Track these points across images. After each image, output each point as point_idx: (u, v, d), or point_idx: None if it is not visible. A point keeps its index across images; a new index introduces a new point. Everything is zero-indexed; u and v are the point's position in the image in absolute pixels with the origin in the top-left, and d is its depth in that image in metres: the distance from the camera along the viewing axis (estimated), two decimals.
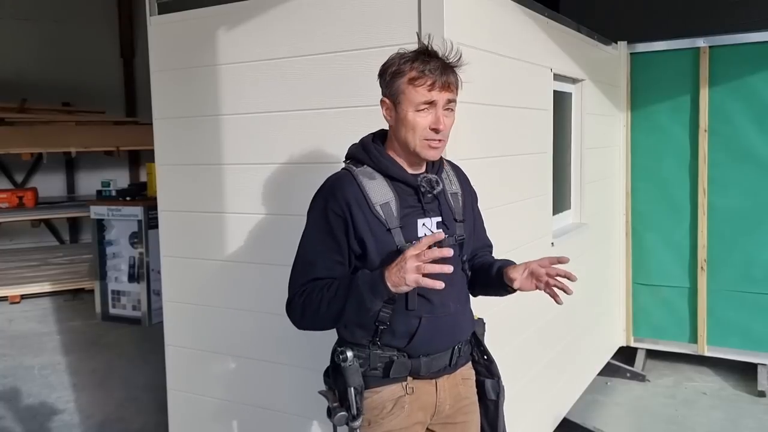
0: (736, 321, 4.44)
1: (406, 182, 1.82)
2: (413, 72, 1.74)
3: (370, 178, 1.80)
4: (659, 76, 4.56)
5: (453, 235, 1.87)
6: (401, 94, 1.76)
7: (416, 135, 1.77)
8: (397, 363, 1.81)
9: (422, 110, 1.75)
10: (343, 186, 1.80)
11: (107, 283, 6.32)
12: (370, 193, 1.78)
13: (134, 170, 9.92)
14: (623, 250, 4.71)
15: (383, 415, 1.83)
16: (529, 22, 3.04)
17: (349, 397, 1.79)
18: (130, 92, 10.02)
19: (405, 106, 1.76)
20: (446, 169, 1.96)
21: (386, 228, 1.77)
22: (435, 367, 1.86)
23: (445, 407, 1.91)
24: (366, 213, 1.77)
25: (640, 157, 4.65)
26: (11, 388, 4.57)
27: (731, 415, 3.95)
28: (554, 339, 3.44)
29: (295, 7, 2.57)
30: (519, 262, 2.18)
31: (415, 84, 1.74)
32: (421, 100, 1.74)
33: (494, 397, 2.01)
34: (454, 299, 1.88)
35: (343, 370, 1.80)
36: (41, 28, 9.21)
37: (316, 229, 1.81)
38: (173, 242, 3.04)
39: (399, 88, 1.76)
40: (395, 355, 1.81)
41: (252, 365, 2.83)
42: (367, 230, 1.77)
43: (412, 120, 1.76)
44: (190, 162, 2.94)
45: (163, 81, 2.99)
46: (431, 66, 1.74)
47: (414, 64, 1.75)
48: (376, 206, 1.77)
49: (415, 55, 1.77)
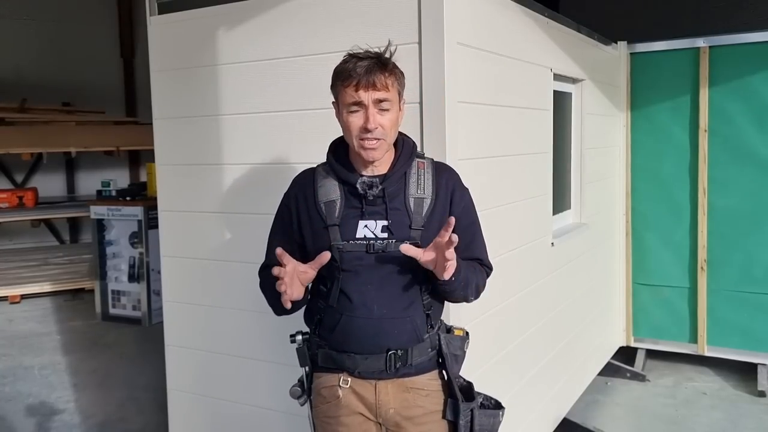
0: (736, 321, 4.44)
1: (350, 184, 1.84)
2: (343, 74, 1.77)
3: (324, 177, 1.90)
4: (659, 76, 4.56)
5: (400, 241, 1.79)
6: (338, 95, 1.81)
7: (352, 136, 1.80)
8: (323, 353, 1.91)
9: (354, 111, 1.77)
10: (300, 181, 1.95)
11: (107, 283, 6.32)
12: (319, 191, 1.88)
13: (134, 170, 9.91)
14: (623, 250, 4.71)
15: (319, 400, 1.94)
16: (529, 22, 3.04)
17: (302, 376, 1.97)
18: (130, 92, 10.02)
19: (340, 108, 1.81)
20: (420, 172, 1.89)
21: (324, 225, 1.84)
22: (368, 368, 1.85)
23: (388, 410, 1.87)
24: (310, 208, 1.88)
25: (640, 157, 4.65)
26: (11, 388, 4.57)
27: (731, 415, 3.95)
28: (554, 339, 3.44)
29: (295, 8, 2.57)
30: (518, 262, 2.18)
31: (344, 85, 1.77)
32: (350, 100, 1.77)
33: (452, 418, 1.92)
34: (380, 304, 1.83)
35: (297, 351, 1.94)
36: (41, 28, 9.21)
37: (275, 218, 2.01)
38: (173, 242, 3.04)
39: (336, 90, 1.81)
40: (324, 345, 1.91)
41: (252, 365, 2.83)
42: (307, 224, 1.89)
43: (346, 121, 1.80)
44: (190, 162, 2.94)
45: (163, 81, 2.99)
46: (358, 66, 1.75)
47: (346, 65, 1.77)
48: (320, 203, 1.86)
49: (348, 57, 1.79)
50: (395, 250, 1.79)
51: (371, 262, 1.82)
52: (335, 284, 1.84)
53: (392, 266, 1.83)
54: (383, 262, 1.82)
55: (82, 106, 9.01)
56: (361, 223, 1.82)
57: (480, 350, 2.60)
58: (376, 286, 1.82)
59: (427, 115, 2.27)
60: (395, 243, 1.80)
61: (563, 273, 3.53)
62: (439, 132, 2.26)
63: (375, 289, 1.82)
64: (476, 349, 2.56)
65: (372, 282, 1.83)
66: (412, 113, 2.30)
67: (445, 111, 2.25)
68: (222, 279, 2.89)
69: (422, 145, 2.29)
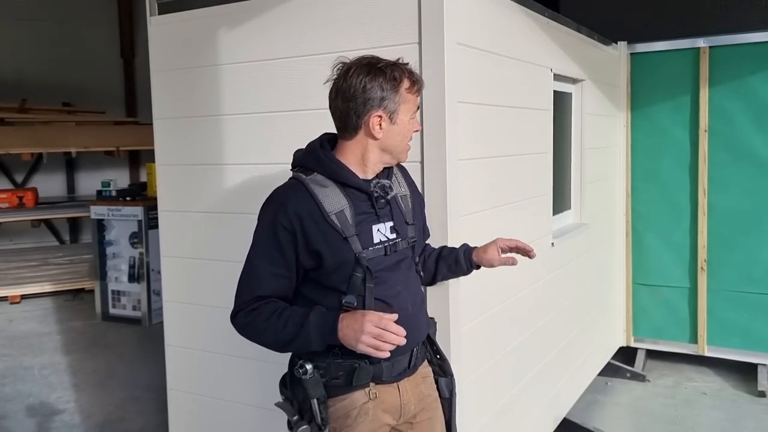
0: (736, 321, 4.44)
1: (359, 188, 1.80)
2: (406, 81, 1.77)
3: (322, 186, 1.77)
4: (659, 76, 4.56)
5: (405, 239, 1.87)
6: (402, 103, 1.77)
7: (405, 141, 1.83)
8: (359, 370, 1.79)
9: (413, 118, 1.82)
10: (295, 197, 1.76)
11: (107, 283, 6.32)
12: (324, 202, 1.75)
13: (134, 170, 9.92)
14: (623, 250, 4.71)
15: (348, 423, 1.81)
16: (529, 22, 3.04)
17: (313, 408, 1.77)
18: (130, 92, 10.02)
19: (403, 115, 1.78)
20: (395, 170, 1.95)
21: (342, 236, 1.75)
22: (396, 370, 1.85)
23: (410, 408, 1.90)
24: (320, 223, 1.74)
25: (640, 157, 4.65)
26: (11, 388, 4.57)
27: (731, 415, 3.95)
28: (554, 339, 3.44)
29: (295, 8, 2.57)
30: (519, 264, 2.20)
31: (411, 91, 1.78)
32: (415, 107, 1.81)
33: (448, 395, 2.02)
34: (411, 302, 1.88)
35: (304, 382, 1.77)
36: (41, 28, 9.21)
37: (264, 242, 1.78)
38: (173, 242, 3.04)
39: (400, 97, 1.76)
40: (356, 362, 1.78)
41: (252, 365, 2.83)
42: (321, 241, 1.74)
43: (407, 127, 1.80)
44: (190, 162, 2.94)
45: (163, 81, 2.99)
46: (415, 73, 1.80)
47: (402, 72, 1.77)
48: (330, 215, 1.75)
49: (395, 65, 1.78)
50: (404, 248, 1.87)
51: (390, 264, 1.84)
52: (368, 294, 1.78)
53: (405, 264, 1.89)
54: (398, 262, 1.86)
55: (82, 106, 9.01)
56: (374, 227, 1.82)
57: (480, 350, 2.60)
58: (403, 286, 1.86)
59: (427, 115, 2.27)
60: (402, 242, 1.87)
61: (563, 273, 3.53)
62: (439, 132, 2.26)
63: (404, 289, 1.86)
64: (476, 349, 2.57)
65: (400, 283, 1.86)
66: None
67: (445, 111, 2.25)
68: (222, 279, 2.88)
69: (422, 145, 2.29)
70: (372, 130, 1.76)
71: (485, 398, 2.66)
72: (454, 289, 2.33)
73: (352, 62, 1.79)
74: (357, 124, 1.77)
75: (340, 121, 1.81)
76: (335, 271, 1.77)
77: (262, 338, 1.78)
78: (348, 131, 1.80)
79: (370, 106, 1.74)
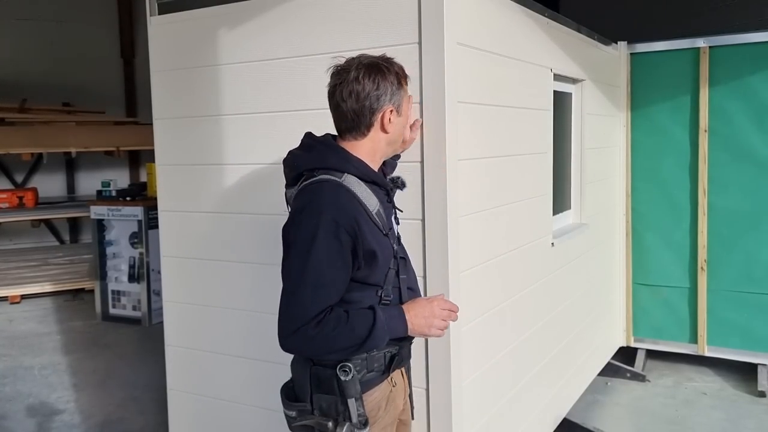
0: (736, 321, 4.44)
1: (381, 184, 1.88)
2: (404, 74, 1.88)
3: (358, 187, 1.79)
4: (659, 76, 4.56)
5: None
6: (405, 96, 1.87)
7: (405, 130, 1.94)
8: (397, 356, 1.86)
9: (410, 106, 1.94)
10: (346, 200, 1.75)
11: (107, 283, 6.32)
12: (366, 203, 1.78)
13: (134, 170, 9.92)
14: (623, 250, 4.71)
15: (380, 414, 1.86)
16: (529, 22, 3.04)
17: (350, 409, 1.76)
18: (130, 92, 10.02)
19: (406, 108, 1.89)
20: None
21: (384, 233, 1.81)
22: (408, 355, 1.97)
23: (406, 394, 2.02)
24: (369, 224, 1.76)
25: (640, 157, 4.65)
26: (11, 388, 4.57)
27: (731, 415, 3.95)
28: (554, 339, 3.44)
29: (295, 8, 2.57)
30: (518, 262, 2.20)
31: (407, 83, 1.89)
32: (409, 96, 1.91)
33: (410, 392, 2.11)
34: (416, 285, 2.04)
35: (344, 384, 1.76)
36: (41, 28, 9.21)
37: (325, 249, 1.69)
38: (173, 242, 3.04)
39: (403, 92, 1.86)
40: (390, 350, 1.84)
41: (252, 365, 2.83)
42: (374, 241, 1.76)
43: (409, 117, 1.92)
44: (190, 162, 2.94)
45: (163, 81, 2.99)
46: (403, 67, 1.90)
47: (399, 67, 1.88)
48: (373, 214, 1.79)
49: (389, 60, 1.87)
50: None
51: (404, 253, 1.97)
52: (402, 285, 1.88)
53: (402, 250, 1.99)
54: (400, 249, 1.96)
55: (82, 106, 9.02)
56: (392, 220, 1.93)
57: (480, 350, 2.60)
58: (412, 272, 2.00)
59: (427, 115, 2.27)
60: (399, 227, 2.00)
61: (563, 273, 3.53)
62: (439, 132, 2.26)
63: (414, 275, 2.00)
64: (476, 349, 2.57)
65: (410, 269, 1.98)
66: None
67: (445, 111, 2.25)
68: (222, 279, 2.89)
69: (422, 145, 2.29)
70: (385, 125, 1.84)
71: (485, 398, 2.66)
72: (454, 289, 2.33)
73: (354, 64, 1.82)
74: (371, 122, 1.82)
75: (352, 121, 1.82)
76: (382, 268, 1.81)
77: (331, 346, 1.72)
78: (360, 129, 1.83)
79: (384, 102, 1.81)
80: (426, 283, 2.33)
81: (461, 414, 2.41)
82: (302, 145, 1.91)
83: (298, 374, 1.87)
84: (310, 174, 1.80)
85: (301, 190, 1.79)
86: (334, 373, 1.76)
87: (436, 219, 2.29)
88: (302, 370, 1.84)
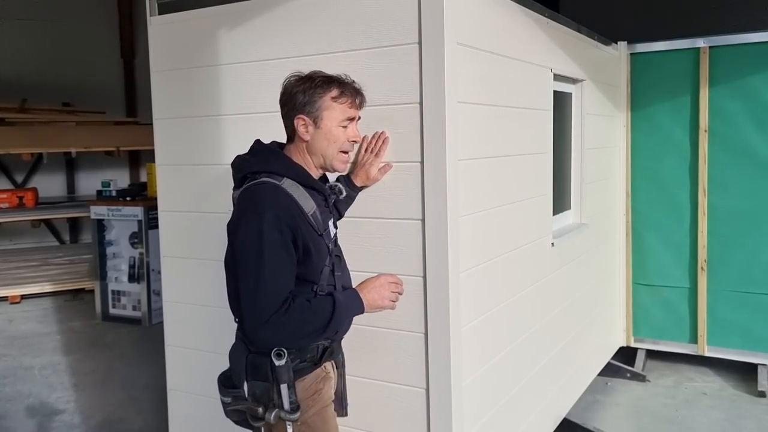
0: (736, 321, 4.44)
1: (319, 190, 2.05)
2: (334, 91, 1.99)
3: (296, 190, 1.95)
4: (659, 77, 4.56)
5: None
6: (326, 110, 1.98)
7: (335, 147, 2.02)
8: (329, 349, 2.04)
9: (344, 126, 2.02)
10: (283, 199, 1.91)
11: (107, 283, 6.32)
12: (302, 204, 1.94)
13: (134, 170, 9.93)
14: (623, 250, 4.71)
15: (314, 398, 2.00)
16: (529, 22, 3.04)
17: (283, 394, 1.90)
18: (130, 92, 10.03)
19: (327, 122, 1.99)
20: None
21: (318, 233, 1.98)
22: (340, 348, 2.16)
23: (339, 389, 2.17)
24: (305, 223, 1.94)
25: (640, 157, 4.65)
26: (11, 388, 4.57)
27: (731, 415, 3.95)
28: (554, 339, 3.44)
29: (295, 8, 2.57)
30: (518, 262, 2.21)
31: (340, 101, 1.99)
32: (345, 116, 2.01)
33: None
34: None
35: (278, 370, 1.89)
36: (41, 28, 9.22)
37: (273, 242, 1.85)
38: (173, 242, 3.04)
39: (324, 104, 1.98)
40: (323, 343, 2.01)
41: None
42: (309, 238, 1.94)
43: (335, 134, 2.00)
44: (190, 162, 2.94)
45: (163, 81, 2.99)
46: (351, 87, 2.03)
47: (333, 84, 2.00)
48: (308, 216, 1.95)
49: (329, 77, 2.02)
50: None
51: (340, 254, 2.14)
52: (337, 282, 2.06)
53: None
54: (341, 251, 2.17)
55: (82, 106, 9.02)
56: (329, 223, 2.08)
57: (480, 350, 2.60)
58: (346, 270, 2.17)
59: (427, 115, 2.27)
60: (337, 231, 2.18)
61: (563, 273, 3.53)
62: (439, 132, 2.26)
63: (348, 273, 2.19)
64: (476, 349, 2.57)
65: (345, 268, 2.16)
66: (412, 113, 2.30)
67: (445, 111, 2.25)
68: (222, 279, 2.88)
69: (422, 145, 2.29)
70: (300, 134, 2.00)
71: (485, 398, 2.66)
72: (454, 289, 2.33)
73: (296, 76, 2.03)
74: (291, 127, 2.01)
75: (285, 125, 2.06)
76: (317, 264, 1.97)
77: (301, 330, 1.89)
78: (287, 134, 2.06)
79: (297, 111, 1.98)
80: (426, 283, 2.33)
81: (461, 414, 2.41)
82: (250, 150, 2.09)
83: (236, 362, 2.01)
84: (253, 176, 1.97)
85: (244, 191, 1.96)
86: (269, 360, 1.88)
87: (436, 219, 2.29)
88: (239, 357, 1.98)
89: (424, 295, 2.34)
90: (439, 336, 2.33)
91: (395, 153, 2.36)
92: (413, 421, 2.41)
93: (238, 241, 1.89)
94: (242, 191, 1.97)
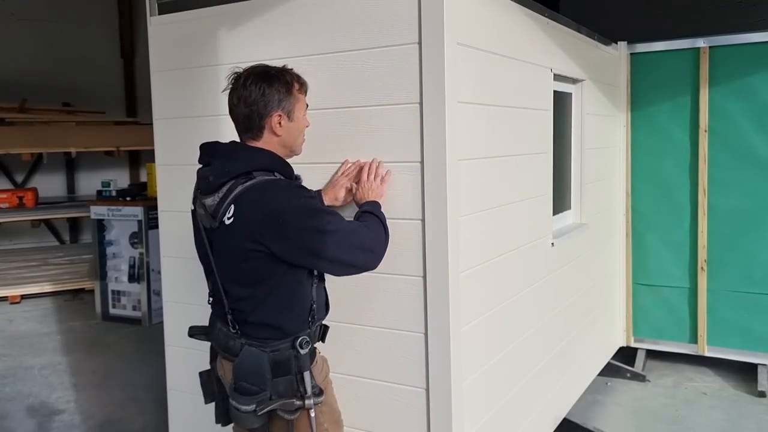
0: (736, 321, 4.44)
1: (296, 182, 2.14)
2: (296, 83, 2.07)
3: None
4: (659, 76, 4.56)
5: None
6: (297, 102, 2.06)
7: (302, 135, 2.14)
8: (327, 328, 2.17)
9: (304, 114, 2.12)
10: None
11: (107, 283, 6.32)
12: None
13: (134, 170, 9.92)
14: (623, 250, 4.71)
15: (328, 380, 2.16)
16: (529, 22, 3.04)
17: (306, 381, 1.97)
18: (130, 92, 10.02)
19: (298, 113, 2.08)
20: None
21: None
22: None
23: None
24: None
25: (640, 157, 4.65)
26: (11, 388, 4.57)
27: (731, 415, 3.95)
28: (554, 339, 3.44)
29: (295, 8, 2.57)
30: (518, 262, 2.20)
31: (301, 92, 2.09)
32: (305, 105, 2.12)
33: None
34: None
35: (301, 359, 1.98)
36: (41, 28, 9.21)
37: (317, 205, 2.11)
38: (173, 242, 3.04)
39: (294, 98, 2.05)
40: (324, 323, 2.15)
41: None
42: None
43: (303, 123, 2.11)
44: (190, 162, 2.92)
45: (163, 81, 2.99)
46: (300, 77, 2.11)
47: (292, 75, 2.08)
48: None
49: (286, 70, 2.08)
50: None
51: None
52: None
53: None
54: None
55: (82, 106, 9.01)
56: None
57: (480, 350, 2.60)
58: None
59: (427, 115, 2.27)
60: None
61: (563, 273, 3.53)
62: (439, 132, 2.26)
63: None
64: (476, 349, 2.57)
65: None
66: (412, 113, 2.30)
67: (445, 111, 2.25)
68: None
69: (422, 145, 2.29)
70: (274, 129, 2.03)
71: (485, 398, 2.66)
72: (454, 289, 2.33)
73: (246, 72, 2.04)
74: (261, 125, 2.02)
75: (244, 123, 2.04)
76: None
77: (386, 236, 2.16)
78: (253, 132, 2.04)
79: (271, 108, 2.01)
80: (426, 283, 2.33)
81: (461, 414, 2.41)
82: (219, 154, 2.06)
83: (253, 366, 1.99)
84: (247, 176, 1.96)
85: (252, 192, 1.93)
86: (292, 352, 1.97)
87: (436, 219, 2.29)
88: (257, 360, 1.98)
89: (424, 295, 2.34)
90: (439, 336, 2.33)
91: (395, 153, 2.36)
92: (413, 421, 2.41)
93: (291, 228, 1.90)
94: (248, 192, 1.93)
